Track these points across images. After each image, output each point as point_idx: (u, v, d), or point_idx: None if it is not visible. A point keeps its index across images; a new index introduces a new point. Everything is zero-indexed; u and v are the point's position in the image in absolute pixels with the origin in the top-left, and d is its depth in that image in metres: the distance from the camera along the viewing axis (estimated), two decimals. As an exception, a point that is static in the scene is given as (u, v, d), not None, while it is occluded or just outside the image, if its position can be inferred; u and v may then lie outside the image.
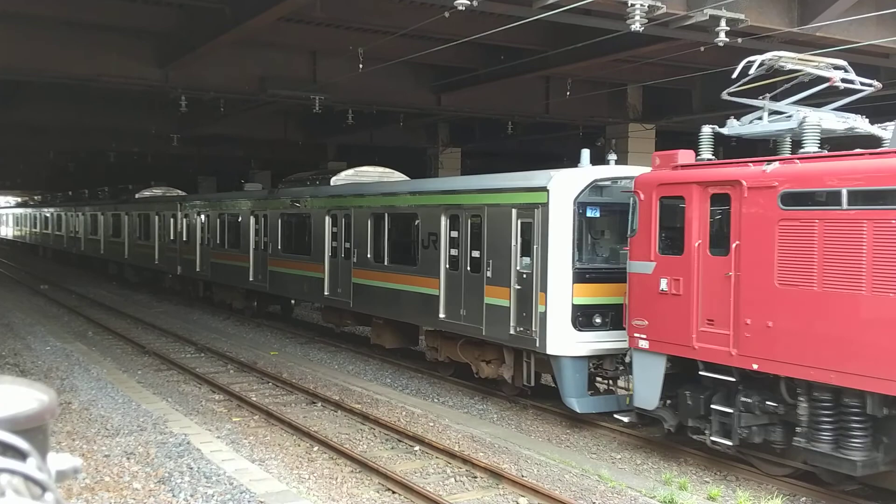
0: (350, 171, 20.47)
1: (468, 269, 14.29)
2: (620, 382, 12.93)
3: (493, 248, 13.65)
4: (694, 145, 11.44)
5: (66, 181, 55.13)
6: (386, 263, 17.04)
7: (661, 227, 10.80)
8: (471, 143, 30.60)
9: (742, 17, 12.11)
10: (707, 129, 10.98)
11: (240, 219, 24.25)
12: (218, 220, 25.85)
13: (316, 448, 11.33)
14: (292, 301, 24.98)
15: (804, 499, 9.64)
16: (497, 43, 16.66)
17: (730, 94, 11.10)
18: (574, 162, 14.14)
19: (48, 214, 55.09)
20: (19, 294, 32.32)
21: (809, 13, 13.06)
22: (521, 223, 13.06)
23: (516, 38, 15.82)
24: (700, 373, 10.16)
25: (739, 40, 13.38)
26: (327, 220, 19.28)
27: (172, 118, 25.64)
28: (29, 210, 64.86)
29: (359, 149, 33.10)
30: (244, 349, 19.59)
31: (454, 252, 14.72)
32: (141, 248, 33.82)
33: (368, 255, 17.52)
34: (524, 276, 12.92)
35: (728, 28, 12.14)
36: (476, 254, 14.11)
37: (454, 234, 14.74)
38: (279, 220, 21.88)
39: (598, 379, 13.22)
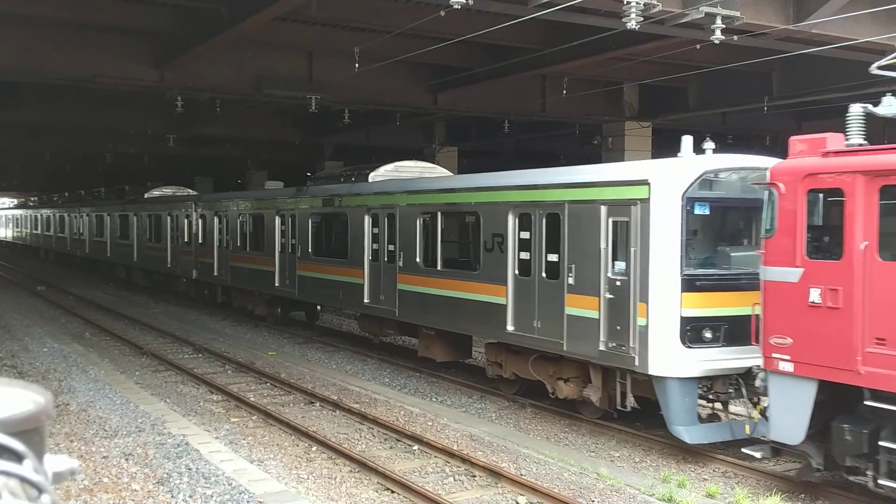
0: (389, 167, 18.62)
1: (543, 274, 12.66)
2: (734, 407, 11.48)
3: (577, 251, 12.01)
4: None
5: (63, 182, 55.08)
6: (439, 268, 15.33)
7: (810, 225, 9.06)
8: (467, 142, 30.60)
9: (737, 14, 12.11)
10: (857, 109, 9.32)
11: (264, 219, 22.45)
12: (239, 221, 24.07)
13: (314, 448, 11.32)
14: (317, 307, 23.31)
15: (802, 495, 9.65)
16: (493, 42, 16.66)
17: (879, 67, 9.99)
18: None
19: (50, 215, 53.16)
20: (16, 296, 32.27)
21: (804, 10, 13.08)
22: (614, 222, 11.49)
23: (512, 37, 15.83)
24: (865, 402, 8.45)
25: (735, 38, 13.40)
26: (367, 219, 17.51)
27: (169, 119, 25.58)
28: (29, 211, 62.99)
29: (355, 148, 33.10)
30: (242, 349, 19.58)
31: (525, 255, 13.11)
32: (152, 250, 32.01)
33: (417, 259, 15.88)
34: (617, 283, 11.31)
35: (724, 26, 12.15)
36: (553, 258, 12.48)
37: (525, 235, 13.14)
38: (309, 221, 20.16)
39: (704, 402, 11.57)
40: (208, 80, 19.19)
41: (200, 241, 26.76)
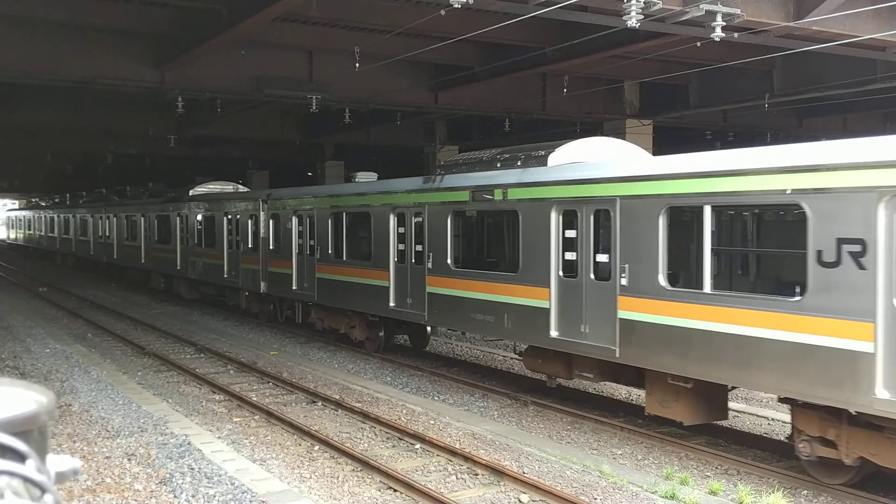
0: (574, 146, 13.62)
1: None
2: None
3: None
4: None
5: (63, 183, 55.15)
6: (710, 290, 10.38)
7: None
8: (468, 140, 30.59)
9: (738, 11, 12.10)
10: None
11: (371, 220, 17.65)
12: (330, 223, 19.38)
13: (317, 447, 11.33)
14: (428, 329, 18.47)
15: (805, 492, 9.65)
16: (494, 40, 16.65)
17: None
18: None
19: (69, 217, 48.03)
20: (18, 297, 32.31)
21: (805, 7, 13.06)
22: None
23: (513, 36, 15.83)
24: None
25: (736, 35, 13.39)
26: (554, 219, 12.66)
27: (169, 119, 25.62)
28: (43, 212, 57.02)
29: (356, 148, 33.12)
30: (244, 349, 19.59)
31: None
32: (201, 257, 27.07)
33: (657, 278, 10.99)
34: None
35: (724, 23, 12.14)
36: None
37: None
38: (449, 222, 15.27)
39: None
40: (209, 80, 19.19)
41: (272, 247, 22.08)
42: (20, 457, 1.17)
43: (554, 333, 12.71)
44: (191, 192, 29.02)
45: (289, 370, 16.97)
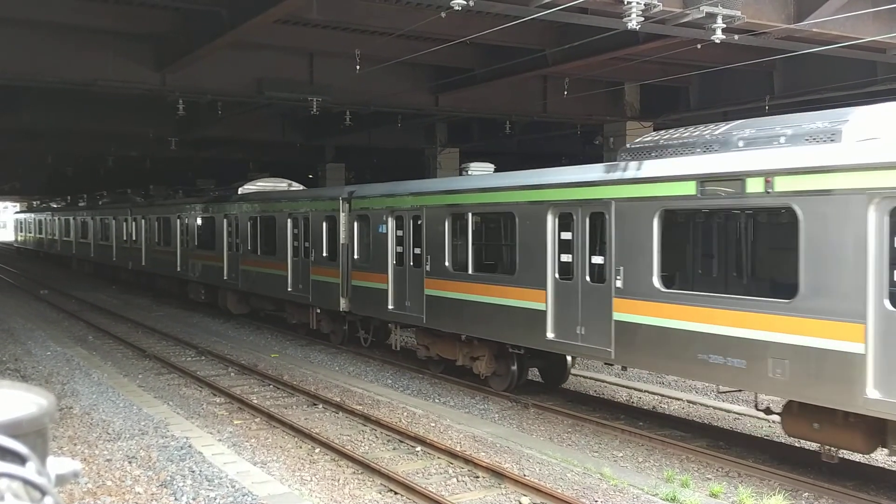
0: (874, 115, 9.58)
1: None
2: None
3: None
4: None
5: (65, 186, 55.19)
6: None
7: None
8: (469, 142, 30.63)
9: (738, 13, 12.11)
10: None
11: (515, 223, 13.62)
12: (447, 226, 15.25)
13: (318, 450, 11.33)
14: (568, 360, 14.86)
15: (806, 494, 9.64)
16: (494, 43, 16.67)
17: None
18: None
19: (88, 220, 43.58)
20: (19, 299, 32.32)
21: (805, 9, 13.07)
22: None
23: (513, 38, 15.84)
24: None
25: (736, 37, 13.40)
26: (875, 220, 8.59)
27: (170, 121, 25.66)
28: (59, 215, 52.19)
29: (357, 150, 33.14)
30: (245, 352, 19.59)
31: None
32: (256, 266, 23.00)
33: None
34: None
35: (724, 25, 12.15)
36: None
37: None
38: (655, 225, 11.03)
39: None
40: (209, 82, 19.22)
41: (357, 256, 18.26)
42: (20, 459, 1.17)
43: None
44: (240, 191, 25.23)
45: (290, 373, 16.96)
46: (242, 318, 24.94)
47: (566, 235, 12.62)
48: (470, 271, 14.74)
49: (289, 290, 21.02)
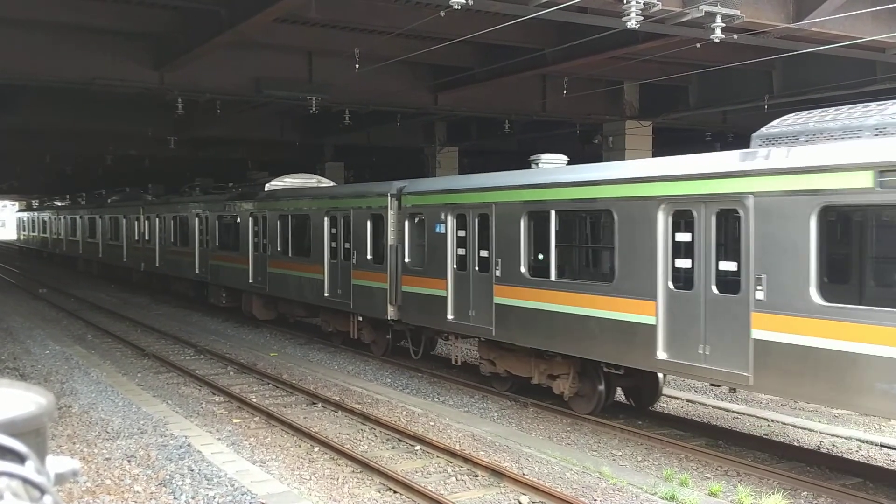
0: None
1: None
2: None
3: None
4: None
5: (63, 184, 55.18)
6: None
7: None
8: (468, 141, 30.64)
9: (737, 13, 12.12)
10: None
11: (613, 222, 11.64)
12: (523, 226, 13.32)
13: (317, 449, 11.33)
14: (660, 378, 13.04)
15: (805, 493, 9.64)
16: (493, 42, 16.67)
17: None
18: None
19: (96, 219, 41.84)
20: (18, 298, 32.31)
21: (805, 8, 13.08)
22: None
23: (512, 37, 15.83)
24: None
25: (735, 36, 13.40)
26: None
27: (169, 120, 25.65)
28: (64, 214, 50.16)
29: (356, 149, 33.14)
30: (244, 351, 19.58)
31: None
32: (286, 268, 21.34)
33: None
34: None
35: (724, 24, 12.16)
36: None
37: None
38: (814, 225, 9.22)
39: None
40: (208, 81, 19.21)
41: (409, 259, 16.35)
42: (20, 458, 1.17)
43: None
44: (267, 187, 23.47)
45: (289, 372, 16.96)
46: (241, 319, 24.91)
47: (683, 237, 10.76)
48: (552, 277, 12.77)
49: (325, 295, 19.27)
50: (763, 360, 9.59)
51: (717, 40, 12.46)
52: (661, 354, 10.95)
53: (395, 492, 9.53)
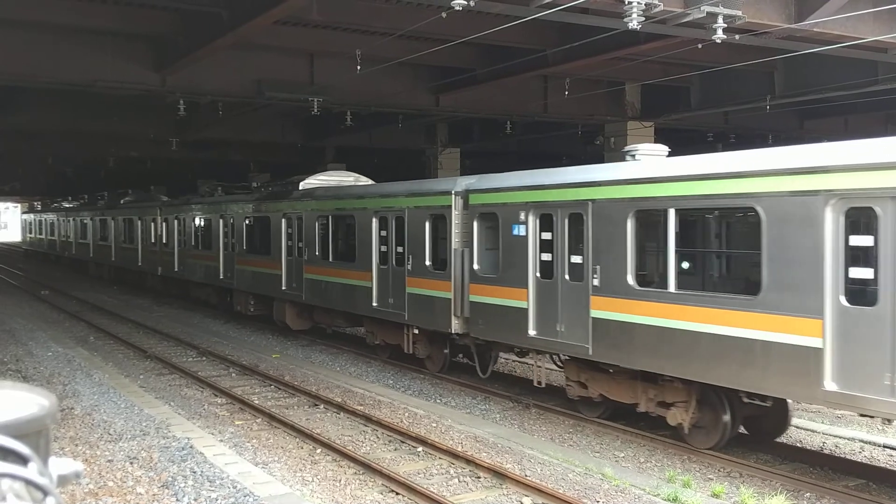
0: None
1: None
2: None
3: None
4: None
5: (64, 187, 55.19)
6: None
7: None
8: (469, 143, 30.62)
9: (739, 13, 12.10)
10: None
11: (761, 224, 9.74)
12: (630, 228, 11.57)
13: (319, 450, 11.32)
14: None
15: (808, 494, 9.63)
16: (495, 43, 16.66)
17: None
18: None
19: (109, 220, 39.67)
20: (20, 300, 32.33)
21: (806, 9, 13.06)
22: None
23: (514, 38, 15.82)
24: None
25: (737, 37, 13.39)
26: None
27: (170, 122, 25.66)
28: (74, 215, 48.11)
29: (357, 150, 33.14)
30: (246, 352, 19.58)
31: None
32: (326, 274, 19.64)
33: None
34: None
35: (725, 25, 12.13)
36: None
37: None
38: None
39: None
40: (210, 83, 19.21)
41: (477, 266, 14.62)
42: (22, 460, 1.16)
43: None
44: (301, 185, 21.73)
45: (291, 373, 16.96)
46: (245, 320, 24.90)
47: (860, 240, 8.83)
48: (671, 289, 10.86)
49: (374, 304, 17.39)
50: None
51: (718, 41, 12.44)
52: (830, 385, 8.95)
53: (397, 493, 9.52)
